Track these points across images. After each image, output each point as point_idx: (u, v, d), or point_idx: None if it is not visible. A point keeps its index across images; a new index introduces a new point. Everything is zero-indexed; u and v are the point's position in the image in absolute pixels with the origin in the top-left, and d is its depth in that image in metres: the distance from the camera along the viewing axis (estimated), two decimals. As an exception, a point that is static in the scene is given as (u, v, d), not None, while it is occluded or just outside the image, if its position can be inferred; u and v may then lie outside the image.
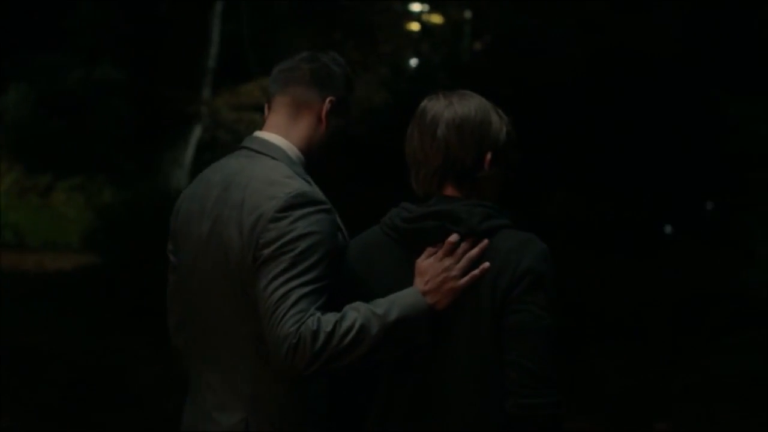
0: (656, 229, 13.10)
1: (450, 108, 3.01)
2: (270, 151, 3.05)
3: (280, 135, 3.09)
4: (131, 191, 16.90)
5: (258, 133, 3.13)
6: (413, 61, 19.03)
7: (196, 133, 17.76)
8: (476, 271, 2.87)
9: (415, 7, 19.26)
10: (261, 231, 2.87)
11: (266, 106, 3.19)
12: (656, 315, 11.67)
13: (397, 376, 2.95)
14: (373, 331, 2.79)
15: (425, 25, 19.28)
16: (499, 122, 3.03)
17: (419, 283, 2.88)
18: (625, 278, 12.04)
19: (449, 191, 2.99)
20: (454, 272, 2.87)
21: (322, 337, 2.75)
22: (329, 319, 2.80)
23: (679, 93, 11.66)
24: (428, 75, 16.92)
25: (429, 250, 2.91)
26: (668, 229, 13.44)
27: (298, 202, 2.88)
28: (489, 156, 2.99)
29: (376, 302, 2.85)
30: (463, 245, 2.90)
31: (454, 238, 2.89)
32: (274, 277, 2.82)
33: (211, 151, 18.05)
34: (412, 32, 19.31)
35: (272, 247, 2.84)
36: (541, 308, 2.85)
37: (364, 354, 2.81)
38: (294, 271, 2.81)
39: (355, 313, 2.81)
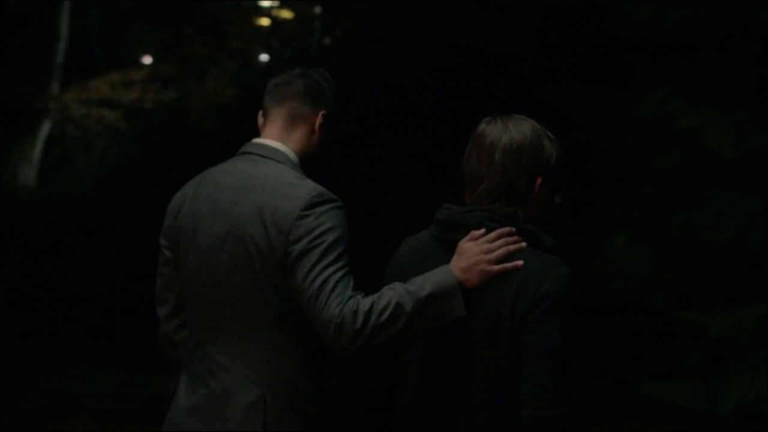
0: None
1: (507, 133, 3.22)
2: (274, 156, 3.33)
3: (277, 141, 3.37)
4: (-22, 187, 16.64)
5: (257, 140, 3.39)
6: (263, 57, 19.01)
7: (45, 128, 17.51)
8: (509, 265, 3.08)
9: (265, 3, 19.21)
10: (290, 228, 3.14)
11: (260, 116, 3.44)
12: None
13: (421, 379, 3.19)
14: (408, 307, 3.05)
15: (275, 21, 19.25)
16: (549, 147, 3.25)
17: (454, 261, 3.12)
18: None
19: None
20: (490, 257, 3.09)
21: (361, 316, 3.04)
22: (367, 299, 3.08)
23: (529, 87, 11.89)
24: (278, 70, 16.86)
25: (473, 233, 3.12)
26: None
27: (319, 201, 3.18)
28: (540, 179, 3.20)
29: (411, 281, 3.11)
30: (505, 237, 3.10)
31: (505, 230, 3.10)
32: (311, 269, 3.10)
33: (60, 146, 17.82)
34: (262, 27, 19.27)
35: (303, 242, 3.12)
36: (556, 329, 3.03)
37: (402, 328, 3.08)
38: (326, 261, 3.10)
39: (391, 291, 3.08)
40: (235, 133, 13.97)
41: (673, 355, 8.94)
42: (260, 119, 3.45)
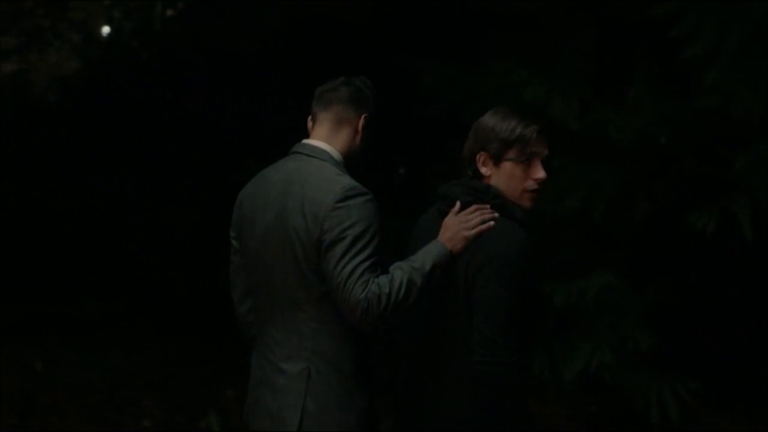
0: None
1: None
2: (319, 155, 3.86)
3: (323, 142, 3.90)
4: None
5: (306, 141, 3.94)
6: (105, 29, 18.66)
7: None
8: (483, 227, 3.71)
9: (106, -26, 18.86)
10: (324, 218, 3.64)
11: (309, 120, 3.99)
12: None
13: (408, 339, 3.91)
14: (418, 282, 3.61)
15: (116, -7, 18.90)
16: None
17: (441, 234, 3.75)
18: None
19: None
20: (468, 225, 3.71)
21: (384, 298, 3.55)
22: (384, 282, 3.58)
23: (378, 60, 11.85)
24: (121, 43, 16.61)
25: (453, 210, 3.77)
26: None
27: (351, 194, 3.67)
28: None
29: (411, 259, 3.70)
30: (477, 209, 3.76)
31: (480, 205, 3.76)
32: (341, 257, 3.58)
33: None
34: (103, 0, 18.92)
35: (335, 232, 3.62)
36: (503, 287, 3.59)
37: (415, 300, 3.62)
38: (354, 250, 3.58)
39: (400, 271, 3.63)
40: (78, 104, 13.71)
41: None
42: (309, 123, 3.99)
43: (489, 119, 3.92)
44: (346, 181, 3.75)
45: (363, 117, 3.96)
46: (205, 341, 10.44)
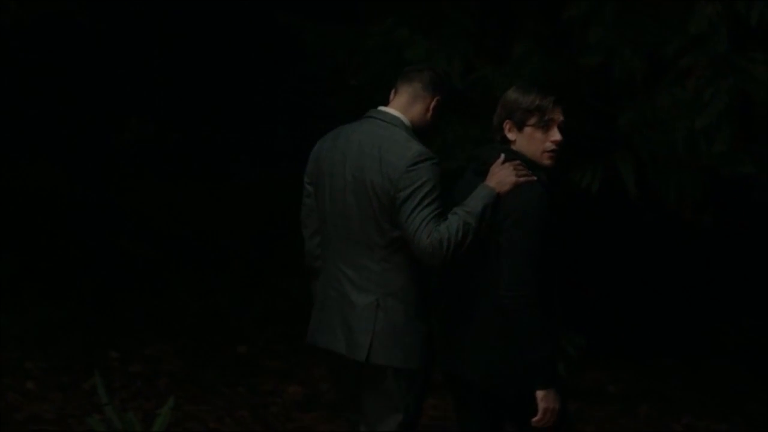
0: (230, 157, 13.18)
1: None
2: (394, 121, 4.56)
3: (399, 111, 4.60)
4: None
5: (382, 108, 4.63)
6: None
7: None
8: (523, 178, 4.40)
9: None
10: (398, 179, 4.37)
11: (393, 91, 4.68)
12: (236, 240, 11.83)
13: (442, 282, 4.64)
14: (472, 223, 4.34)
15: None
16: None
17: (490, 178, 4.45)
18: (203, 205, 12.10)
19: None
20: (514, 172, 4.41)
21: (445, 241, 4.30)
22: (444, 228, 4.32)
23: (247, 18, 11.73)
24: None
25: (498, 161, 4.45)
26: (242, 158, 13.53)
27: (420, 159, 4.39)
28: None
29: (463, 204, 4.41)
30: (516, 165, 4.45)
31: (515, 162, 4.46)
32: (412, 211, 4.34)
33: None
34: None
35: (408, 190, 4.36)
36: (521, 234, 4.34)
37: (472, 239, 4.35)
38: (423, 205, 4.33)
39: (456, 216, 4.35)
40: None
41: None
42: (392, 93, 4.67)
43: (513, 93, 4.59)
44: (417, 147, 4.47)
45: (436, 99, 4.65)
46: (88, 304, 10.29)
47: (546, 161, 4.56)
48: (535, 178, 4.45)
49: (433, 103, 4.64)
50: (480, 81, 7.82)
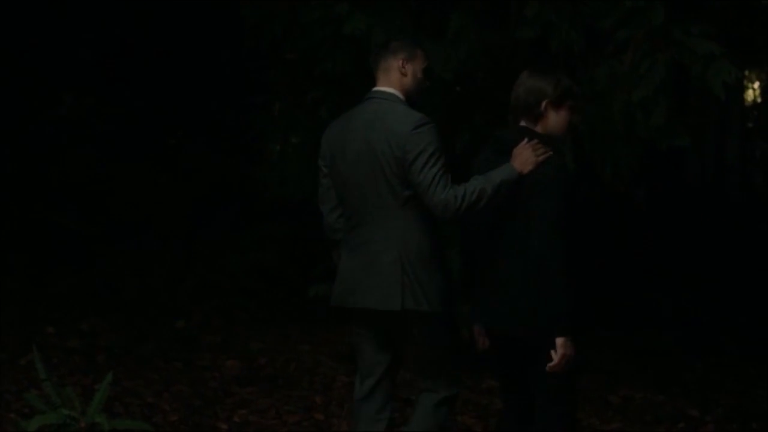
0: (166, 132, 13.10)
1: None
2: (388, 97, 5.10)
3: (388, 87, 5.13)
4: None
5: (376, 88, 5.14)
6: None
7: None
8: (542, 157, 4.88)
9: None
10: (404, 142, 4.90)
11: (375, 77, 5.18)
12: (173, 214, 11.77)
13: (479, 240, 5.07)
14: (488, 190, 4.85)
15: None
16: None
17: (514, 158, 4.90)
18: (139, 179, 12.04)
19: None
20: (537, 153, 4.88)
21: (459, 198, 4.83)
22: (461, 187, 4.85)
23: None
24: None
25: (522, 143, 4.91)
26: (172, 130, 13.43)
27: (422, 123, 4.93)
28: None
29: (486, 174, 4.91)
30: (538, 144, 4.91)
31: (535, 141, 4.92)
32: (421, 168, 4.86)
33: None
34: None
35: (415, 151, 4.89)
36: (548, 198, 4.79)
37: (484, 204, 4.86)
38: (431, 162, 4.87)
39: (476, 181, 4.88)
40: None
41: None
42: (376, 79, 5.16)
43: (545, 76, 5.04)
44: (416, 114, 4.99)
45: (400, 60, 5.12)
46: (22, 279, 10.24)
47: (566, 133, 5.23)
48: (551, 152, 4.93)
49: (401, 65, 5.13)
50: (418, 55, 7.82)
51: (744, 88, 16.82)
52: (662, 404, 7.81)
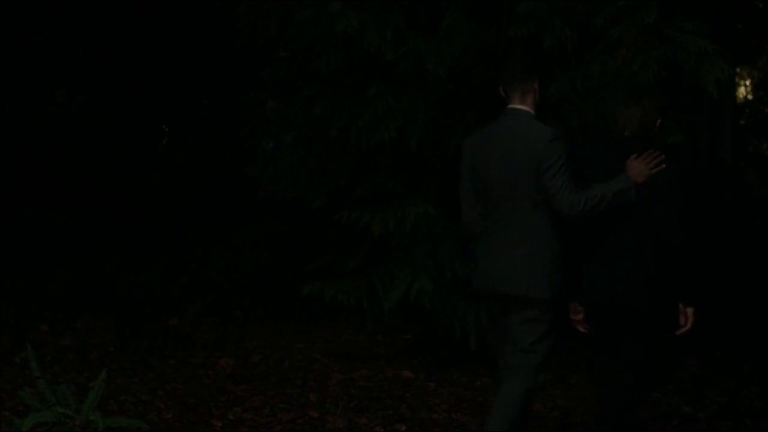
0: (159, 129, 13.10)
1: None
2: (524, 115, 5.81)
3: (522, 105, 5.82)
4: None
5: (510, 106, 5.82)
6: None
7: None
8: (656, 169, 5.63)
9: None
10: (541, 153, 5.63)
11: (502, 91, 5.88)
12: (166, 212, 11.76)
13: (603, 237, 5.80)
14: (608, 196, 5.64)
15: None
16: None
17: (629, 171, 5.67)
18: (132, 176, 12.02)
19: None
20: (649, 165, 5.65)
21: (583, 201, 5.61)
22: (585, 192, 5.61)
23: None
24: None
25: (632, 158, 5.69)
26: (165, 128, 13.45)
27: (555, 137, 5.67)
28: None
29: (608, 182, 5.64)
30: (652, 154, 5.67)
31: (653, 152, 5.68)
32: (554, 175, 5.61)
33: None
34: None
35: (550, 160, 5.62)
36: (679, 195, 5.62)
37: (604, 207, 5.63)
38: (562, 170, 5.63)
39: (598, 187, 5.63)
40: None
41: (335, 255, 9.04)
42: (503, 93, 5.87)
43: (654, 95, 5.83)
44: (549, 128, 5.75)
45: (535, 82, 5.85)
46: (16, 277, 10.22)
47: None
48: (664, 166, 5.66)
49: (535, 87, 5.86)
50: (411, 52, 7.83)
51: (736, 86, 16.83)
52: (656, 401, 7.80)
